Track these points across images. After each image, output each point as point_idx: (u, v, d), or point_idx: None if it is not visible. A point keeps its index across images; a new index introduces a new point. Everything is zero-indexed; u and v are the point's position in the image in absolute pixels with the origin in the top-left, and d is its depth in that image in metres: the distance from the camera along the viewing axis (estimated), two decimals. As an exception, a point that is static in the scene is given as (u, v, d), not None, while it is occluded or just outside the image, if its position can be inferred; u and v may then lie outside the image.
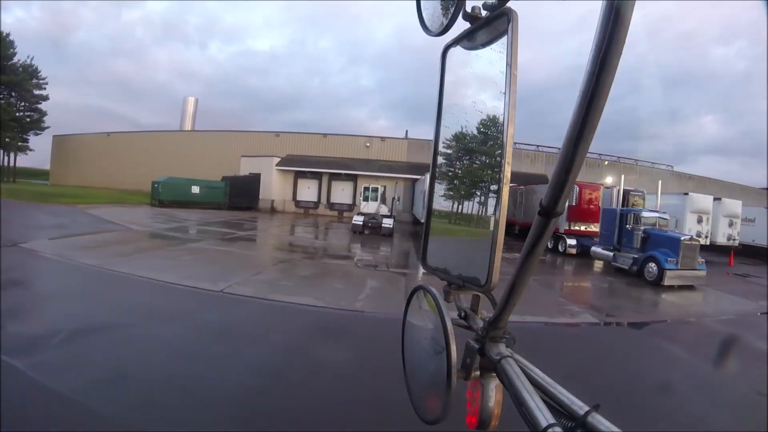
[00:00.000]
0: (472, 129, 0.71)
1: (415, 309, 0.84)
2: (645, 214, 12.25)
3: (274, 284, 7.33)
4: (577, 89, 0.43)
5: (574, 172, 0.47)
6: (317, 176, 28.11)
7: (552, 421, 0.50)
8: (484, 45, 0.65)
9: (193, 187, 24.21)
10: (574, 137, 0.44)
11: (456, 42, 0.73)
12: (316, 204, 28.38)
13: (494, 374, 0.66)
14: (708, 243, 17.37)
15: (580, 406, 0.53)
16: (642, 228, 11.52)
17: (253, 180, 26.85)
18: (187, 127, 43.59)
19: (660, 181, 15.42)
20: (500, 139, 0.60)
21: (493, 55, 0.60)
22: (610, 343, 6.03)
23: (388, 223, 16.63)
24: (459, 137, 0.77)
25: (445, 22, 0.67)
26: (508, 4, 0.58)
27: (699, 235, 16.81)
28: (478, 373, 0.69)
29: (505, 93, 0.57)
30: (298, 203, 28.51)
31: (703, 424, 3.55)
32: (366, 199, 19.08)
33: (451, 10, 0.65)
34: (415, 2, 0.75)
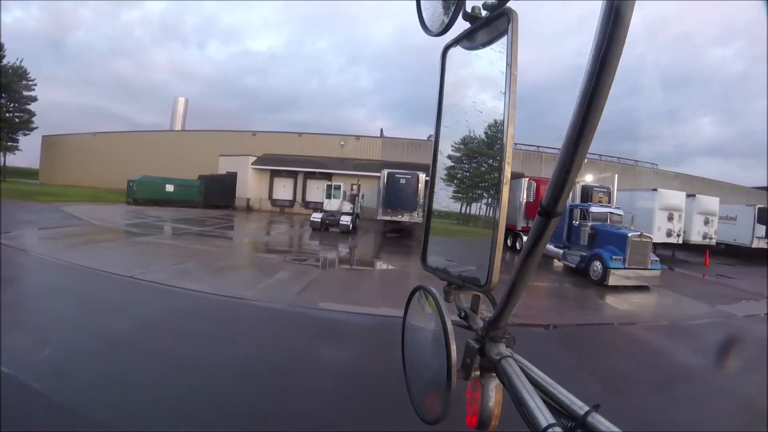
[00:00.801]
0: (471, 129, 0.71)
1: (415, 309, 0.84)
2: (593, 209, 11.63)
3: (185, 273, 7.69)
4: (576, 89, 0.43)
5: (574, 172, 0.47)
6: (293, 175, 28.33)
7: (552, 421, 0.50)
8: (484, 45, 0.65)
9: (167, 185, 24.61)
10: (574, 137, 0.44)
11: (456, 42, 0.73)
12: (292, 202, 28.51)
13: (494, 374, 0.66)
14: (680, 242, 16.79)
15: (580, 406, 0.53)
16: (590, 224, 10.89)
17: (230, 179, 27.16)
18: (178, 127, 43.78)
19: (616, 176, 14.61)
20: (500, 139, 0.60)
21: (493, 55, 0.60)
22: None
23: (345, 220, 16.72)
24: (459, 137, 0.77)
25: (445, 22, 0.67)
26: (508, 4, 0.58)
27: (670, 233, 16.22)
28: (478, 373, 0.69)
29: (505, 93, 0.57)
30: (274, 202, 28.74)
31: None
32: (329, 196, 19.20)
33: (451, 10, 0.65)
34: (415, 2, 0.75)
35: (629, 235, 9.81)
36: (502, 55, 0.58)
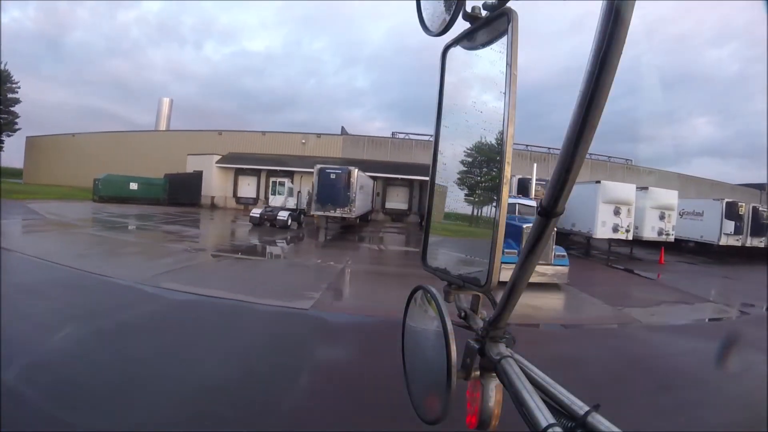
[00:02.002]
0: (471, 129, 0.71)
1: (415, 309, 0.84)
2: None
3: (83, 256, 8.84)
4: (572, 90, 0.43)
5: (574, 172, 0.47)
6: (256, 173, 29.06)
7: (552, 421, 0.50)
8: (484, 45, 0.65)
9: (131, 183, 25.82)
10: (574, 137, 0.44)
11: (456, 42, 0.73)
12: (255, 200, 29.02)
13: (494, 374, 0.66)
14: (629, 238, 15.70)
15: (580, 406, 0.53)
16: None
17: (195, 177, 28.08)
18: (163, 127, 44.76)
19: (535, 165, 13.65)
20: (500, 140, 0.60)
21: (493, 55, 0.60)
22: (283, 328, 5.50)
23: (283, 216, 17.48)
24: (459, 137, 0.77)
25: (445, 21, 0.67)
26: (508, 4, 0.58)
27: (616, 228, 15.26)
28: (478, 373, 0.69)
29: (505, 93, 0.57)
30: (238, 199, 29.53)
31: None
32: (273, 193, 19.92)
33: (452, 10, 0.65)
34: (414, 2, 0.75)
35: (524, 226, 8.64)
36: (502, 55, 0.58)
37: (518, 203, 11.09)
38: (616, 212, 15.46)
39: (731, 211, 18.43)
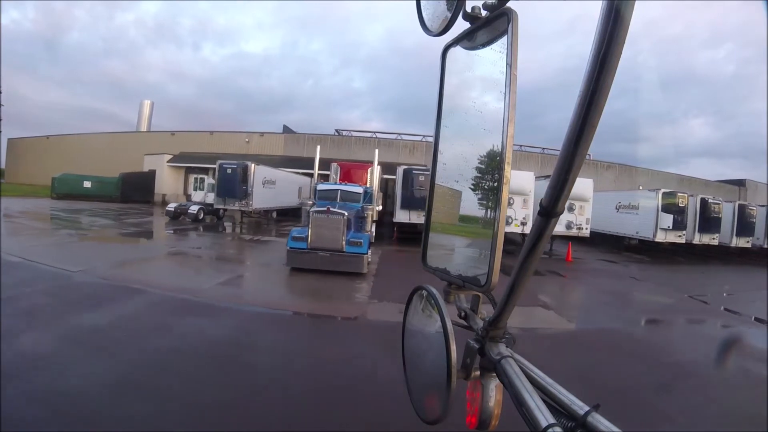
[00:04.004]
0: (471, 129, 0.71)
1: (415, 309, 0.84)
2: (320, 186, 10.52)
3: None
4: (570, 90, 0.43)
5: (574, 172, 0.47)
6: (205, 171, 30.00)
7: (552, 421, 0.50)
8: (484, 45, 0.65)
9: (85, 182, 27.39)
10: (574, 137, 0.45)
11: (456, 42, 0.73)
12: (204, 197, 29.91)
13: (494, 374, 0.66)
14: (524, 231, 13.92)
15: (580, 406, 0.53)
16: (309, 202, 9.51)
17: (149, 176, 29.61)
18: (144, 128, 45.74)
19: (376, 151, 12.77)
20: (500, 139, 0.60)
21: (493, 55, 0.60)
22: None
23: (193, 209, 18.92)
24: (459, 137, 0.77)
25: (446, 21, 0.67)
26: (508, 4, 0.58)
27: (509, 220, 14.06)
28: (478, 373, 0.69)
29: (505, 93, 0.57)
30: (188, 197, 30.43)
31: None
32: (195, 188, 21.13)
33: (452, 10, 0.65)
34: (415, 2, 0.75)
35: (312, 210, 8.38)
36: (502, 55, 0.58)
37: (341, 189, 10.40)
38: (509, 203, 14.61)
39: (669, 204, 16.47)
